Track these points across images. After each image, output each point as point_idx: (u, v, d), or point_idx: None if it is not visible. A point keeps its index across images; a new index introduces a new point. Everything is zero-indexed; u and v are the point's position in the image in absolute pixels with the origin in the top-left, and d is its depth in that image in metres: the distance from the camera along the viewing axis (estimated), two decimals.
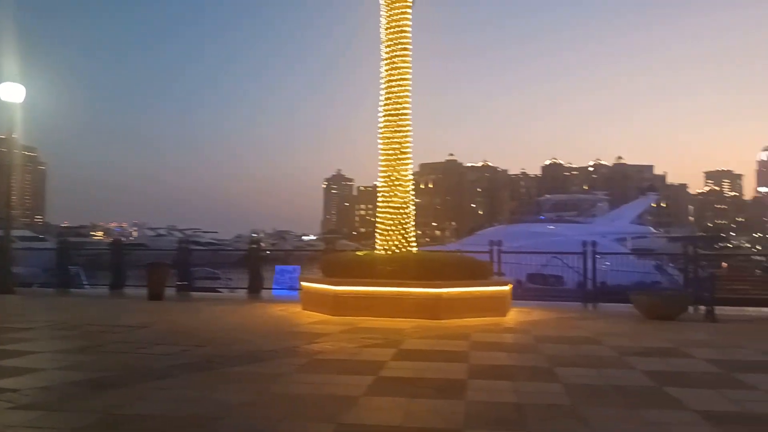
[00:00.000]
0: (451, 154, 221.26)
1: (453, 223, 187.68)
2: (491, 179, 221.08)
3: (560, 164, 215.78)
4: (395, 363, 7.81)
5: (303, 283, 13.94)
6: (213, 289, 19.67)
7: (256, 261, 18.00)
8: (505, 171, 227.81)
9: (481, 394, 6.27)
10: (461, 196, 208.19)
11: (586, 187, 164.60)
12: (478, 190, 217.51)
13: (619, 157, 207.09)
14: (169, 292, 16.90)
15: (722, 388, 6.53)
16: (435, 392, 6.30)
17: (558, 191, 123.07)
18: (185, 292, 17.63)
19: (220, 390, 6.34)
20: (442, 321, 11.62)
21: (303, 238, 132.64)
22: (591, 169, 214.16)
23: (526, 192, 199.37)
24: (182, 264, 18.49)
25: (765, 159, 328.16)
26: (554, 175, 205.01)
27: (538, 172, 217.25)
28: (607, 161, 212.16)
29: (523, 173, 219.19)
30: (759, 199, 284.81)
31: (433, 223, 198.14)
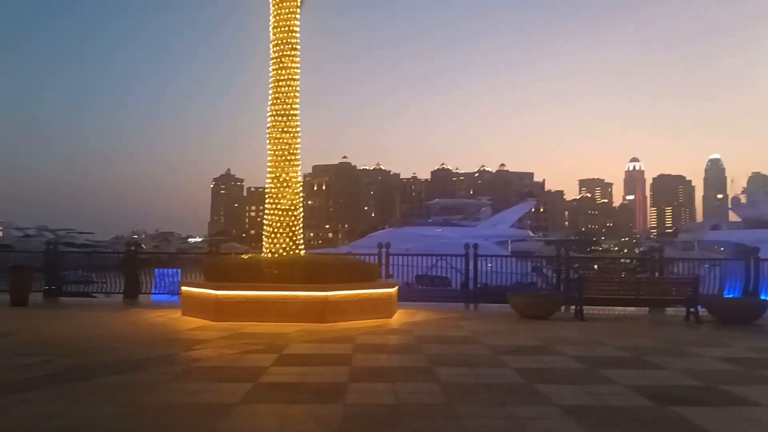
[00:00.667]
0: (345, 157, 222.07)
1: (346, 226, 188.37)
2: (384, 182, 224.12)
3: (448, 169, 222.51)
4: (276, 368, 7.69)
5: (183, 288, 13.39)
6: (86, 294, 18.39)
7: (133, 264, 17.08)
8: (397, 175, 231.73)
9: (361, 396, 6.31)
10: (354, 199, 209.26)
11: (472, 192, 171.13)
12: (371, 192, 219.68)
13: (503, 164, 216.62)
14: (36, 297, 15.64)
15: (585, 383, 6.99)
16: (314, 397, 6.27)
17: (446, 195, 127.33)
18: (54, 297, 16.39)
19: (86, 402, 5.94)
20: (329, 324, 11.60)
21: (189, 240, 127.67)
22: (476, 175, 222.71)
23: (416, 196, 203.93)
24: (51, 267, 17.18)
25: (631, 169, 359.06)
26: (443, 179, 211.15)
27: (428, 176, 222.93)
28: (492, 168, 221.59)
29: (414, 177, 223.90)
30: (625, 206, 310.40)
31: (326, 226, 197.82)
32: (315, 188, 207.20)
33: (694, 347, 9.69)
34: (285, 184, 13.48)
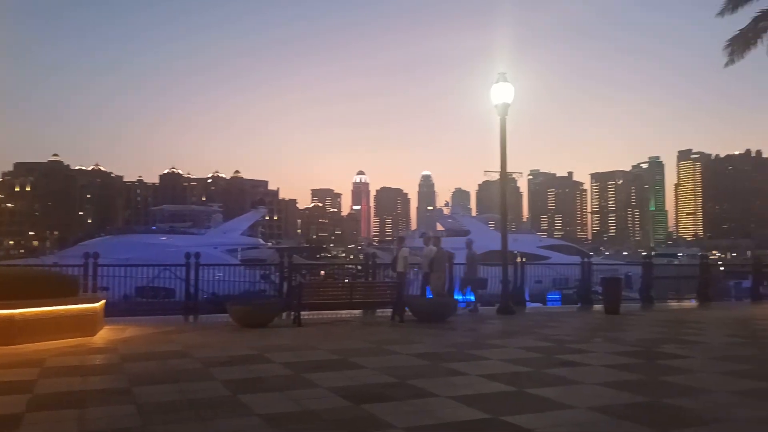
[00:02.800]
0: (56, 155, 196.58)
1: (55, 233, 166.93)
2: (104, 185, 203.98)
3: (179, 174, 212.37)
4: None
5: None
6: None
7: None
8: (120, 177, 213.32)
9: (38, 428, 5.54)
10: (67, 202, 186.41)
11: (204, 199, 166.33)
12: (88, 196, 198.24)
13: (237, 171, 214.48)
14: None
15: (289, 390, 7.11)
16: None
17: (177, 201, 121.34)
18: None
19: None
20: (16, 346, 10.06)
21: None
22: (210, 181, 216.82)
23: (142, 201, 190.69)
24: None
25: (358, 181, 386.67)
26: (173, 184, 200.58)
27: (156, 180, 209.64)
28: (226, 174, 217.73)
29: (140, 181, 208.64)
30: (353, 215, 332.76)
31: (31, 233, 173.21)
32: (17, 189, 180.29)
33: (394, 345, 10.61)
34: None
